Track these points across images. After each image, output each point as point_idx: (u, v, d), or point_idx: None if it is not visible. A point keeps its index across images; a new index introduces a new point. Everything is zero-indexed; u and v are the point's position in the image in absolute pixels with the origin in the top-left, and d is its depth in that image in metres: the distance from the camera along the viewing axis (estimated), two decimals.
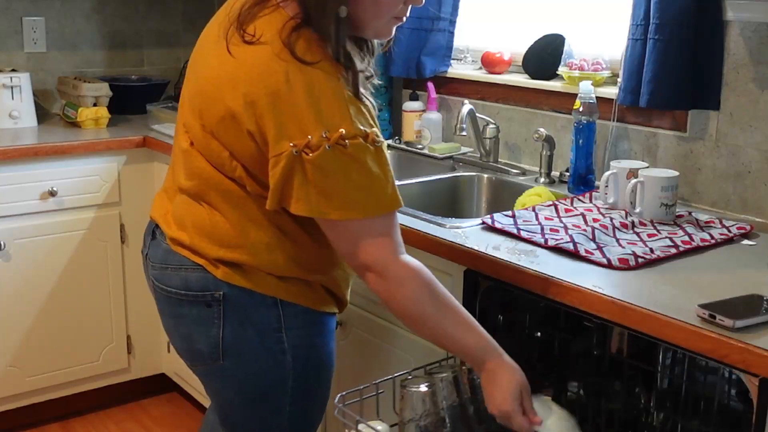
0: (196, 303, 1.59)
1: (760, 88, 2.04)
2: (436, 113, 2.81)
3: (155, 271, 1.66)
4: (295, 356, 1.62)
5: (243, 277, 1.57)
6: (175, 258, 1.61)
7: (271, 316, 1.59)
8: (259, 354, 1.60)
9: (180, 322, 1.64)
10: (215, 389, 1.72)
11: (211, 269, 1.57)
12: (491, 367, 1.54)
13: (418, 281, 1.51)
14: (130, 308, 3.11)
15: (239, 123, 1.46)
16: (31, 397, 2.98)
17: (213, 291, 1.57)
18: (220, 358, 1.61)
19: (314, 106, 1.41)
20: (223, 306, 1.58)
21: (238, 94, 1.45)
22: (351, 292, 2.01)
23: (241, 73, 1.46)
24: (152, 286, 1.69)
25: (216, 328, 1.59)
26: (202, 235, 1.58)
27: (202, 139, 1.55)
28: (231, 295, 1.57)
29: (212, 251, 1.57)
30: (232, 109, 1.46)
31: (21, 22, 3.36)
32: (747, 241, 1.88)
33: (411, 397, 1.59)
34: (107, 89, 3.20)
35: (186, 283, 1.60)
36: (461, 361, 1.66)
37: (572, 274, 1.64)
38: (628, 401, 1.94)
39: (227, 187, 1.55)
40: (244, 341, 1.59)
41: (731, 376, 1.68)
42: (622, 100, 2.24)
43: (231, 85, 1.47)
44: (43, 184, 2.86)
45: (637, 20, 2.15)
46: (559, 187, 2.35)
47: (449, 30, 2.83)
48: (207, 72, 1.55)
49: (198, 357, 1.64)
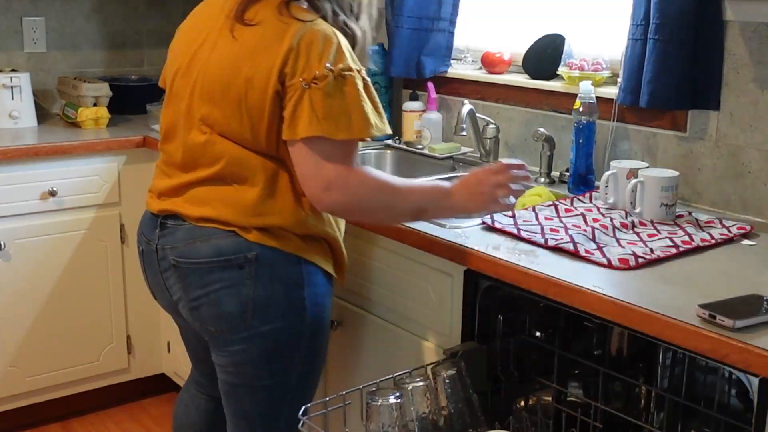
0: (228, 267, 1.74)
1: (760, 88, 2.04)
2: (436, 113, 2.81)
3: (179, 250, 1.78)
4: (312, 313, 1.80)
5: (272, 238, 1.74)
6: (203, 231, 1.76)
7: (296, 273, 1.78)
8: (285, 309, 1.78)
9: (210, 290, 1.76)
10: (234, 351, 1.81)
11: (242, 233, 1.73)
12: (453, 189, 1.80)
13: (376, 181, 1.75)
14: (130, 308, 3.11)
15: (258, 84, 1.68)
16: (31, 397, 2.98)
17: (246, 252, 1.73)
18: (249, 317, 1.76)
19: (318, 49, 1.66)
20: (255, 266, 1.74)
21: (256, 62, 1.68)
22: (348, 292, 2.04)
23: (252, 46, 1.70)
24: (170, 267, 1.80)
25: (248, 288, 1.74)
26: (228, 208, 1.74)
27: (225, 120, 1.73)
28: (262, 255, 1.74)
29: (241, 220, 1.73)
30: (252, 75, 1.68)
31: (21, 22, 3.37)
32: (747, 241, 1.88)
33: (379, 408, 1.56)
34: (107, 89, 3.20)
35: (218, 249, 1.74)
36: (432, 371, 1.66)
37: (572, 274, 1.64)
38: (628, 401, 1.94)
39: (252, 161, 1.73)
40: (272, 297, 1.76)
41: (731, 376, 1.69)
42: (622, 100, 2.24)
43: (246, 58, 1.70)
44: (43, 184, 2.86)
45: (637, 20, 2.16)
46: (559, 187, 2.35)
47: (449, 30, 2.83)
48: (212, 64, 1.75)
49: (224, 320, 1.77)
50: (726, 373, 1.71)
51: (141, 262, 1.91)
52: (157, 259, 1.82)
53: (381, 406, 1.56)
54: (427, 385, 1.64)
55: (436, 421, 1.64)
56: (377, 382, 1.63)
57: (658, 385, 1.89)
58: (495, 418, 1.90)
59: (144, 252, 1.87)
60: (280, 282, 1.76)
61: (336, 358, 2.30)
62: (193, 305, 1.79)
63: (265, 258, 1.74)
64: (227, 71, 1.72)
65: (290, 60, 1.66)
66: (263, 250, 1.74)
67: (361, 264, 2.14)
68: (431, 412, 1.64)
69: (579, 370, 1.96)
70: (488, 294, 1.84)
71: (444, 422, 1.65)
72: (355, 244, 2.15)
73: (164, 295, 1.88)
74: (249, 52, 1.70)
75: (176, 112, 1.83)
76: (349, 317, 2.22)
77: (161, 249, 1.81)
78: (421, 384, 1.63)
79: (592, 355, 1.94)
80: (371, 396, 1.58)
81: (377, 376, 1.70)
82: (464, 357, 1.73)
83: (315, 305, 1.81)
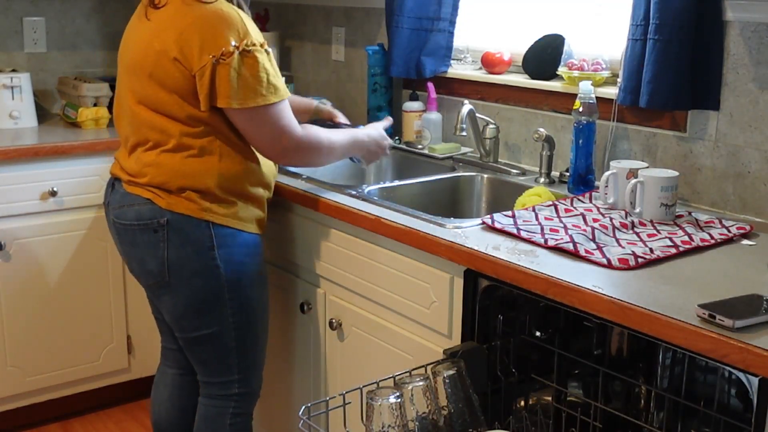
0: (146, 230, 2.03)
1: (760, 88, 2.04)
2: (436, 113, 2.81)
3: (116, 210, 2.10)
4: (226, 270, 2.05)
5: (182, 205, 2.01)
6: (129, 198, 2.06)
7: (205, 236, 2.03)
8: (197, 269, 2.04)
9: (135, 248, 2.07)
10: (168, 307, 2.12)
11: (157, 201, 2.01)
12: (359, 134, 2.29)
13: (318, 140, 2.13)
14: (130, 308, 3.11)
15: (168, 56, 1.94)
16: (31, 397, 2.98)
17: (159, 218, 2.01)
18: (166, 275, 2.05)
19: (222, 27, 1.92)
20: (167, 230, 2.01)
21: (164, 37, 1.96)
22: (348, 292, 2.05)
23: (161, 25, 1.98)
24: (112, 224, 2.12)
25: (161, 249, 2.03)
26: (150, 172, 2.01)
27: (143, 90, 2.01)
28: (173, 221, 2.01)
29: (150, 179, 2.01)
30: (161, 49, 1.95)
31: (21, 22, 3.37)
32: (747, 241, 1.88)
33: (379, 408, 1.57)
34: (107, 89, 3.20)
35: (139, 214, 2.04)
36: (432, 371, 1.66)
37: (572, 274, 1.64)
38: (628, 401, 1.94)
39: (167, 126, 1.99)
40: (185, 259, 2.03)
41: (731, 376, 1.69)
42: (621, 100, 2.24)
43: (156, 35, 1.98)
44: (43, 184, 2.86)
45: (637, 20, 2.16)
46: (559, 187, 2.35)
47: (449, 30, 2.83)
48: (135, 43, 2.05)
49: (150, 276, 2.08)
50: (726, 373, 1.71)
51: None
52: (107, 215, 2.16)
53: (381, 406, 1.57)
54: (427, 385, 1.64)
55: (436, 421, 1.65)
56: (377, 382, 1.64)
57: (658, 385, 1.89)
58: (495, 418, 1.90)
59: (104, 205, 2.21)
60: (190, 244, 2.02)
61: (336, 358, 2.30)
62: (127, 259, 2.14)
63: (176, 223, 2.01)
64: (141, 46, 2.01)
65: (195, 36, 1.92)
66: (173, 216, 2.01)
67: (361, 264, 2.14)
68: (431, 412, 1.64)
69: (579, 370, 1.97)
70: (488, 294, 1.84)
71: (444, 422, 1.65)
72: (355, 243, 2.15)
73: (117, 248, 2.19)
74: (158, 29, 1.98)
75: (117, 95, 2.15)
76: (349, 317, 2.22)
77: (109, 206, 2.14)
78: (421, 384, 1.63)
79: (592, 354, 1.94)
80: (371, 396, 1.58)
81: (377, 376, 1.70)
82: (464, 357, 1.73)
83: (230, 263, 2.06)
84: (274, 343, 2.46)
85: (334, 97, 3.20)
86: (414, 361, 1.94)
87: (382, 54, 2.94)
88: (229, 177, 2.03)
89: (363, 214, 2.08)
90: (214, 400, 2.21)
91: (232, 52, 1.91)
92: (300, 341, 2.43)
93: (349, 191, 2.27)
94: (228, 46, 1.91)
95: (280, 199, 2.33)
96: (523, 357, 1.95)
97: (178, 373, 2.35)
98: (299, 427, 1.63)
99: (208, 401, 2.22)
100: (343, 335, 2.25)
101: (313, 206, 2.24)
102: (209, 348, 2.15)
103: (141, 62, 2.01)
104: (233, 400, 2.19)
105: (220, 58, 1.91)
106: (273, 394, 2.56)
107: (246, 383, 2.20)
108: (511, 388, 1.94)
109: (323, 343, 2.33)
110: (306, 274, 2.37)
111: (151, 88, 1.99)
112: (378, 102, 2.97)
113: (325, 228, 2.24)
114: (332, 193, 2.25)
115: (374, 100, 2.97)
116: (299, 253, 2.36)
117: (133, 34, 2.09)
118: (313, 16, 3.41)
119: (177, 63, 1.94)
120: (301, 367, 2.44)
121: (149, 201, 2.02)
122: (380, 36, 3.07)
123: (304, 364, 2.43)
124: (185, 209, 2.01)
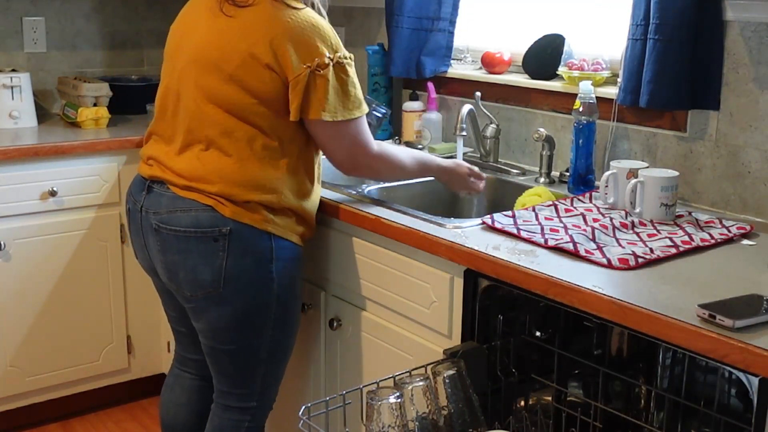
0: (204, 239, 1.93)
1: (760, 88, 2.04)
2: (436, 113, 2.81)
3: (161, 216, 1.96)
4: (279, 284, 2.00)
5: (246, 215, 1.92)
6: (184, 202, 1.94)
7: (266, 248, 1.97)
8: (253, 280, 1.97)
9: (188, 256, 1.95)
10: (209, 317, 2.01)
11: (219, 208, 1.92)
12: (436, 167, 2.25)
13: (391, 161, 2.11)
14: (130, 308, 3.11)
15: (258, 60, 1.87)
16: (31, 397, 2.98)
17: (221, 227, 1.92)
18: (221, 285, 1.95)
19: (317, 36, 1.89)
20: (228, 240, 1.92)
21: (253, 39, 1.87)
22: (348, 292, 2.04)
23: (247, 25, 1.89)
24: (153, 229, 1.98)
25: (220, 259, 1.93)
26: (212, 176, 1.92)
27: (220, 90, 1.91)
28: (236, 230, 1.92)
29: (221, 188, 1.91)
30: (250, 51, 1.87)
31: (21, 22, 3.37)
32: (747, 241, 1.88)
33: (379, 408, 1.57)
34: (107, 89, 3.20)
35: (197, 221, 1.92)
36: (432, 371, 1.66)
37: (572, 274, 1.64)
38: (628, 401, 1.94)
39: (240, 130, 1.91)
40: (242, 269, 1.95)
41: (731, 376, 1.69)
42: (621, 100, 2.24)
43: (242, 36, 1.89)
44: (43, 184, 2.86)
45: (637, 20, 2.16)
46: (559, 187, 2.35)
47: (449, 30, 2.83)
48: (208, 37, 1.94)
49: (200, 286, 1.96)
50: (726, 373, 1.71)
51: (127, 220, 2.12)
52: (141, 220, 2.02)
53: (381, 406, 1.56)
54: (427, 385, 1.64)
55: (436, 421, 1.64)
56: (377, 382, 1.63)
57: (658, 385, 1.89)
58: (495, 418, 1.90)
59: (130, 211, 2.08)
60: (250, 255, 1.95)
61: (336, 358, 2.30)
62: (171, 268, 1.99)
63: (238, 233, 1.93)
64: (220, 44, 1.91)
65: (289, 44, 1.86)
66: (236, 225, 1.92)
67: (361, 263, 2.14)
68: (431, 412, 1.64)
69: (579, 370, 1.96)
70: (488, 294, 1.84)
71: (444, 422, 1.65)
72: (355, 243, 2.15)
73: (145, 254, 2.07)
74: (243, 30, 1.89)
75: (167, 87, 2.03)
76: (349, 317, 2.22)
77: (145, 211, 2.00)
78: (421, 384, 1.63)
79: (592, 355, 1.94)
80: (371, 396, 1.58)
81: (377, 376, 1.70)
82: (464, 357, 1.73)
83: (282, 277, 2.01)
84: None
85: None
86: (414, 361, 1.94)
87: (382, 54, 2.94)
88: (294, 191, 1.99)
89: (363, 214, 2.08)
90: (231, 411, 2.13)
91: (327, 64, 1.89)
92: (300, 341, 2.43)
93: (349, 191, 2.27)
94: (323, 58, 1.88)
95: None
96: (523, 357, 1.95)
97: (198, 378, 2.28)
98: (299, 427, 1.63)
99: (224, 413, 2.13)
100: (343, 335, 2.25)
101: None
102: (239, 360, 2.07)
103: (219, 60, 1.91)
104: (249, 413, 2.13)
105: (315, 69, 1.88)
106: None
107: (265, 396, 2.14)
108: (511, 388, 1.94)
109: (323, 343, 2.33)
110: (306, 274, 2.37)
111: (232, 89, 1.90)
112: (378, 102, 2.97)
113: (325, 228, 2.24)
114: (332, 193, 2.25)
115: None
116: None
117: (204, 27, 1.97)
118: None
119: (269, 70, 1.87)
120: (301, 367, 2.44)
121: (210, 208, 1.92)
122: (380, 36, 3.07)
123: (303, 364, 2.43)
124: (249, 220, 1.93)
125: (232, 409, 2.12)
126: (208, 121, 1.93)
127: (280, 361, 2.12)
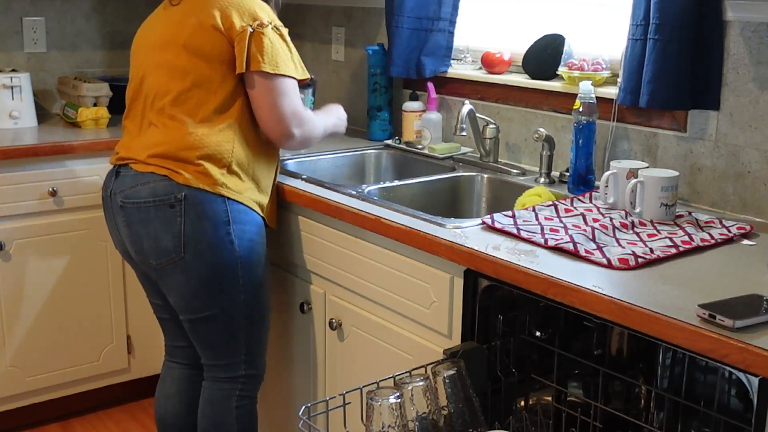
0: (162, 206, 2.07)
1: (760, 88, 2.04)
2: (436, 113, 2.81)
3: (125, 192, 2.12)
4: (240, 246, 2.12)
5: (199, 179, 2.07)
6: (143, 176, 2.10)
7: (221, 210, 2.09)
8: (212, 243, 2.09)
9: (149, 225, 2.09)
10: (179, 285, 2.13)
11: (174, 177, 2.07)
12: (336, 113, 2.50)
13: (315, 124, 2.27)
14: (130, 308, 3.11)
15: (206, 24, 2.09)
16: (31, 397, 2.98)
17: (176, 193, 2.06)
18: (182, 250, 2.07)
19: (256, 6, 2.13)
20: (184, 205, 2.06)
21: (201, 13, 2.10)
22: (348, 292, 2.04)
23: (196, 3, 2.13)
24: (119, 207, 2.13)
25: (178, 225, 2.07)
26: (169, 146, 2.08)
27: (177, 60, 2.11)
28: (189, 195, 2.06)
29: (174, 154, 2.07)
30: (199, 20, 2.10)
31: (21, 22, 3.37)
32: (747, 241, 1.88)
33: (379, 408, 1.57)
34: (107, 89, 3.20)
35: (154, 191, 2.07)
36: (432, 371, 1.67)
37: (572, 274, 1.64)
38: (628, 401, 1.94)
39: (192, 97, 2.10)
40: (201, 233, 2.07)
41: (731, 376, 1.69)
42: (622, 100, 2.24)
43: (191, 12, 2.12)
44: (43, 184, 2.86)
45: (637, 20, 2.15)
46: (559, 187, 2.35)
47: (449, 30, 2.83)
48: (163, 24, 2.19)
49: (164, 253, 2.09)
50: (726, 373, 1.71)
51: (103, 210, 2.26)
52: (111, 203, 2.17)
53: (381, 406, 1.56)
54: (427, 385, 1.64)
55: (436, 421, 1.64)
56: (377, 382, 1.63)
57: (658, 385, 1.89)
58: (495, 418, 1.90)
59: (103, 198, 2.23)
60: (206, 219, 2.08)
61: (336, 358, 2.30)
62: (136, 239, 2.12)
63: (192, 197, 2.07)
64: (173, 25, 2.14)
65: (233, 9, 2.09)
66: (190, 191, 2.06)
67: (361, 264, 2.14)
68: (431, 412, 1.64)
69: (579, 370, 1.96)
70: (488, 294, 1.84)
71: (444, 422, 1.65)
72: (355, 243, 2.15)
73: (117, 236, 2.20)
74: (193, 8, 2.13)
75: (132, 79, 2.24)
76: (349, 317, 2.22)
77: (113, 193, 2.15)
78: (421, 384, 1.63)
79: (592, 355, 1.94)
80: (371, 396, 1.58)
81: (377, 376, 1.70)
82: (464, 357, 1.73)
83: (242, 240, 2.12)
84: (274, 343, 2.46)
85: (334, 97, 3.20)
86: (414, 361, 1.94)
87: (382, 54, 2.94)
88: (243, 155, 2.12)
89: (363, 214, 2.08)
90: (221, 383, 2.23)
91: (266, 24, 2.10)
92: (300, 341, 2.43)
93: (349, 191, 2.27)
94: (262, 20, 2.11)
95: (280, 199, 2.33)
96: (523, 357, 1.95)
97: (187, 367, 2.37)
98: (299, 427, 1.63)
99: (214, 385, 2.24)
100: (343, 335, 2.25)
101: (313, 206, 2.24)
102: (218, 327, 2.17)
103: (173, 36, 2.13)
104: (240, 382, 2.23)
105: (256, 27, 2.09)
106: (273, 394, 2.56)
107: (252, 365, 2.24)
108: (511, 388, 1.94)
109: (323, 343, 2.33)
110: (306, 274, 2.37)
111: (185, 57, 2.10)
112: (378, 102, 2.97)
113: (325, 228, 2.24)
114: (332, 193, 2.25)
115: (374, 100, 2.97)
116: (299, 253, 2.36)
117: (159, 20, 2.23)
118: (313, 16, 3.41)
119: (216, 31, 2.08)
120: (301, 367, 2.44)
121: (165, 177, 2.07)
122: (380, 36, 3.07)
123: (303, 364, 2.43)
124: (203, 183, 2.07)
125: (222, 380, 2.23)
126: (162, 91, 2.13)
127: (259, 327, 2.23)
